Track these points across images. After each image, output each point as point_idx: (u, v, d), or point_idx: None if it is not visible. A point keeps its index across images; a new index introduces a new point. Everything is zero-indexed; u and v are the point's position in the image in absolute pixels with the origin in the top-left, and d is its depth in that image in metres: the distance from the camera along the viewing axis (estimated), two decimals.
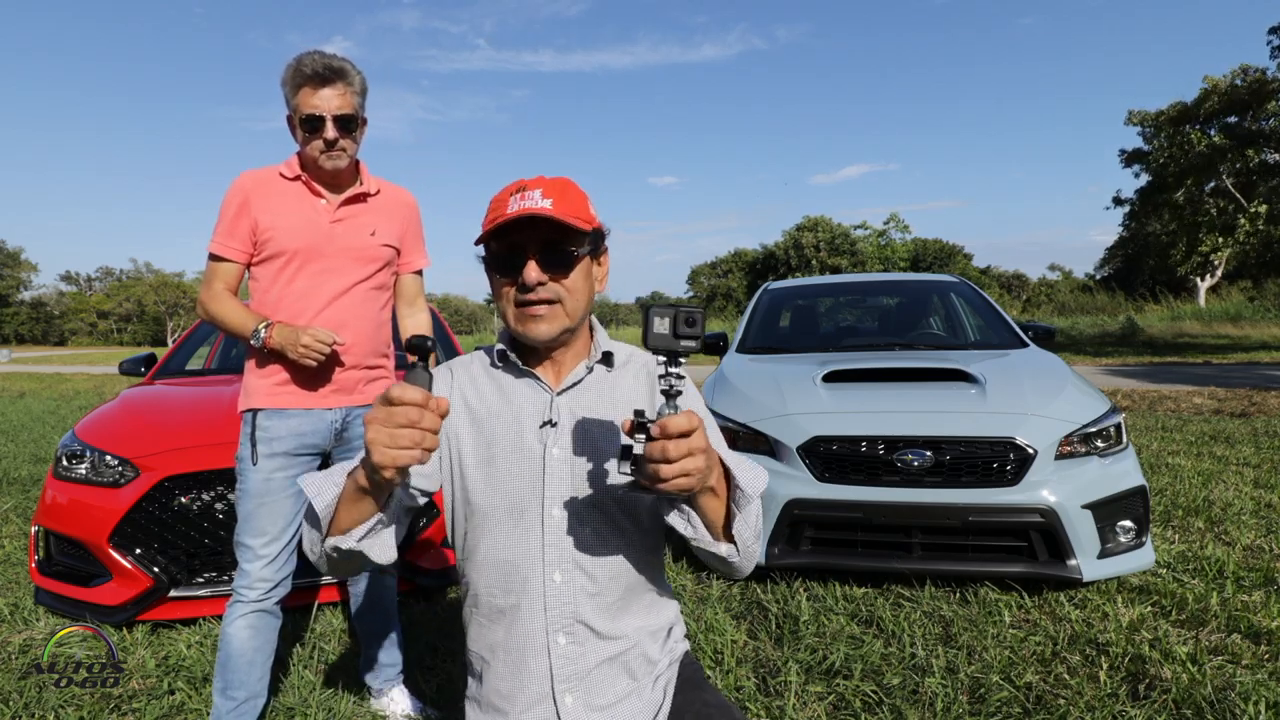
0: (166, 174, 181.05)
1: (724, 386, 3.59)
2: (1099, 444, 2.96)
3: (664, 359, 0.93)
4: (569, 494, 1.14)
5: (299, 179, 1.91)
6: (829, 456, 2.97)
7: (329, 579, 2.83)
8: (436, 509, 2.96)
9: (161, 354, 4.24)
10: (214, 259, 1.90)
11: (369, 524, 1.01)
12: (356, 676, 2.30)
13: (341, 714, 2.17)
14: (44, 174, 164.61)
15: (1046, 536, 2.78)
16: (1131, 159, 24.49)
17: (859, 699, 2.19)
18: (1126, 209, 26.01)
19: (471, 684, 1.22)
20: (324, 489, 1.01)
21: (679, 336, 0.92)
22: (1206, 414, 7.53)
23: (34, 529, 2.88)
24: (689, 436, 0.89)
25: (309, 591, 2.82)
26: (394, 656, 2.20)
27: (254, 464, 1.86)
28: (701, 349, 0.93)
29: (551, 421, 1.16)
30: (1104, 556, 2.80)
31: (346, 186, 1.96)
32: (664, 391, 0.92)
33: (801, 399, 3.21)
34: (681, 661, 1.27)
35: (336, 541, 1.01)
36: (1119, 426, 3.05)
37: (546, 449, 1.15)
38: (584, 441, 1.15)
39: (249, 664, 1.87)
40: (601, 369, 1.23)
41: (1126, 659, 2.34)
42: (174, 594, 2.68)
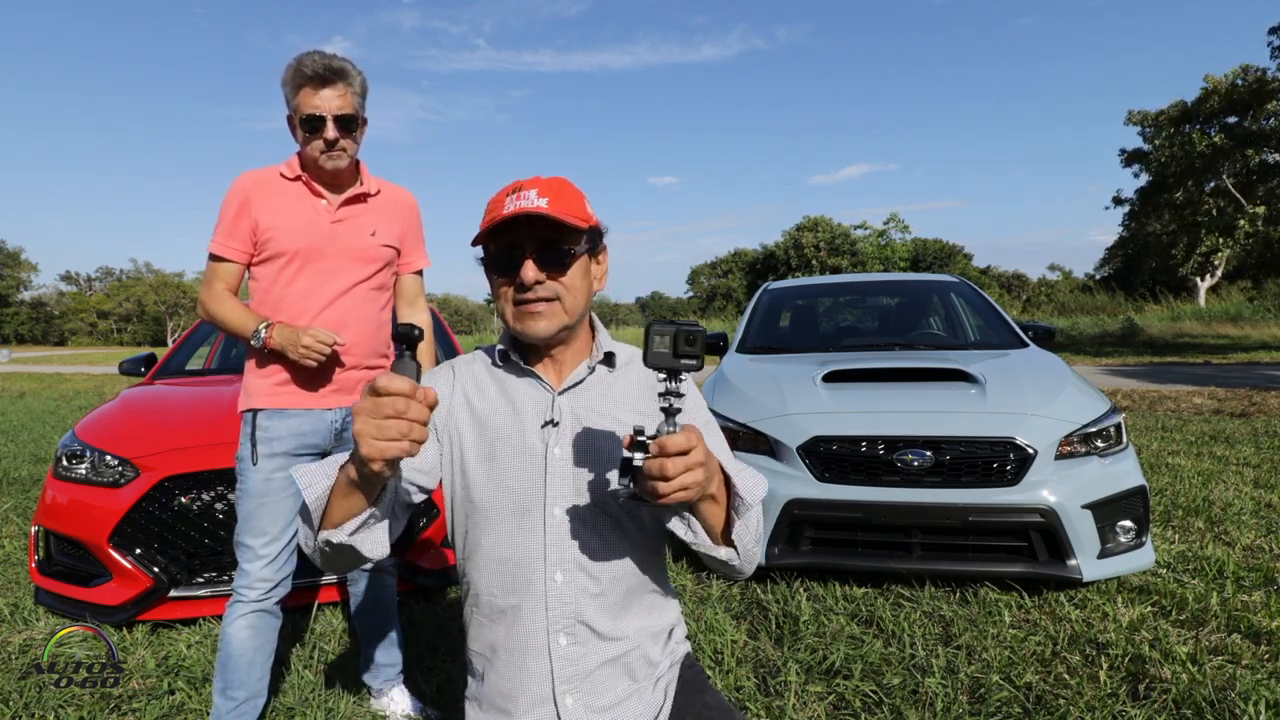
0: (166, 174, 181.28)
1: (724, 386, 3.59)
2: (1099, 444, 2.96)
3: (664, 376, 0.93)
4: (571, 494, 1.13)
5: (299, 179, 1.91)
6: (829, 456, 2.97)
7: (329, 579, 2.83)
8: (436, 509, 2.96)
9: (161, 354, 4.24)
10: (214, 259, 1.90)
11: (361, 518, 0.99)
12: (356, 676, 2.30)
13: (341, 714, 2.17)
14: (44, 174, 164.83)
15: (1046, 536, 2.78)
16: (1131, 159, 24.49)
17: (859, 699, 2.19)
18: (1126, 209, 26.02)
19: (472, 684, 1.22)
20: (315, 481, 1.00)
21: (679, 355, 0.92)
22: (1206, 414, 7.53)
23: (34, 529, 2.88)
24: (687, 454, 0.89)
25: (309, 591, 2.82)
26: (394, 656, 2.20)
27: (254, 464, 1.86)
28: (701, 367, 0.93)
29: (553, 421, 1.16)
30: (1104, 556, 2.80)
31: (347, 187, 1.96)
32: (664, 409, 0.92)
33: (801, 399, 3.21)
34: (682, 663, 1.26)
35: (328, 535, 0.99)
36: (1119, 426, 3.05)
37: (548, 448, 1.15)
38: (586, 441, 1.15)
39: (249, 664, 1.87)
40: (603, 369, 1.23)
41: (1126, 659, 2.34)
42: (174, 594, 2.68)
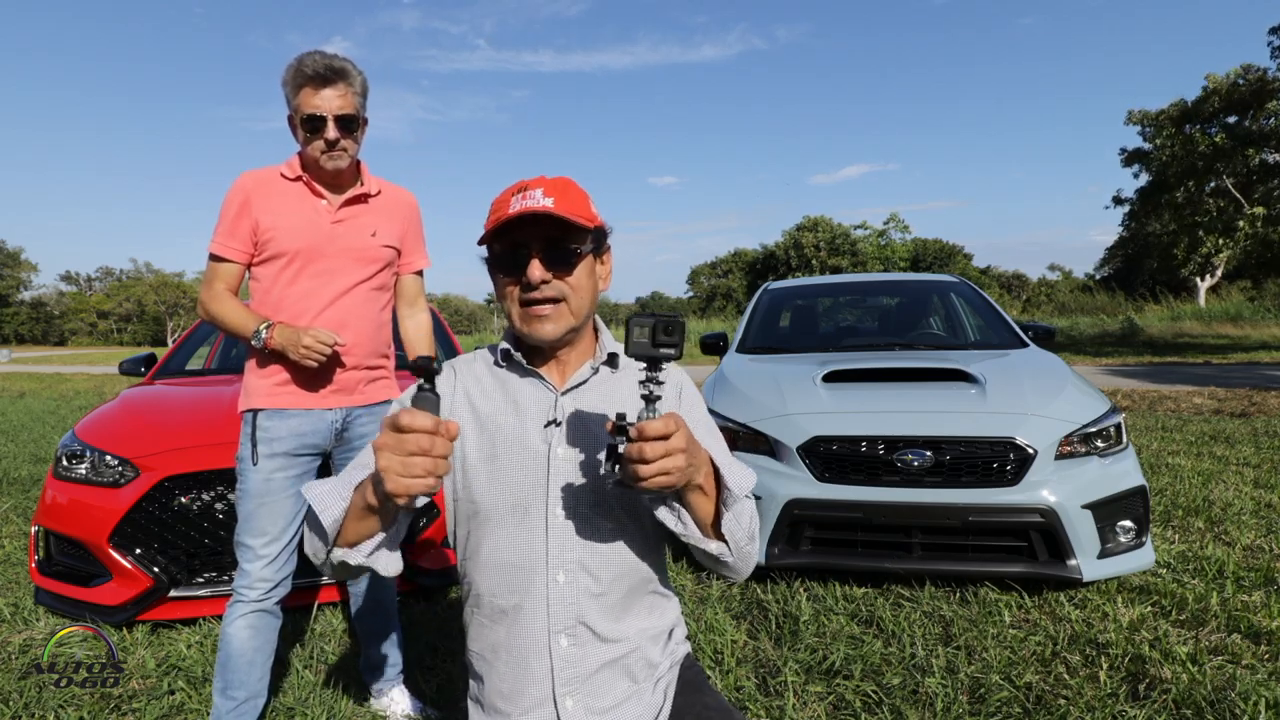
0: (166, 174, 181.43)
1: (724, 386, 3.59)
2: (1099, 444, 2.96)
3: (644, 365, 0.98)
4: (573, 494, 1.13)
5: (300, 179, 1.90)
6: (829, 456, 2.97)
7: (329, 579, 2.83)
8: (436, 509, 2.96)
9: (161, 354, 4.24)
10: (214, 259, 1.90)
11: (377, 540, 1.02)
12: (356, 676, 2.30)
13: (341, 714, 2.17)
14: (44, 174, 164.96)
15: (1046, 536, 2.78)
16: (1132, 159, 24.50)
17: (859, 699, 2.19)
18: (1126, 209, 26.03)
19: (472, 684, 1.22)
20: (331, 504, 1.01)
21: (657, 344, 0.97)
22: (1206, 414, 7.53)
23: (34, 529, 2.88)
24: (667, 439, 0.92)
25: (309, 591, 2.82)
26: (394, 656, 2.20)
27: (254, 464, 1.86)
28: (680, 356, 0.98)
29: (556, 421, 1.16)
30: (1104, 556, 2.80)
31: (347, 187, 1.96)
32: (643, 396, 0.97)
33: (801, 399, 3.21)
34: (682, 664, 1.26)
35: (344, 556, 1.02)
36: (1119, 426, 3.05)
37: (551, 449, 1.14)
38: (588, 442, 1.15)
39: (249, 664, 1.87)
40: (606, 370, 1.23)
41: (1126, 659, 2.34)
42: (174, 594, 2.68)
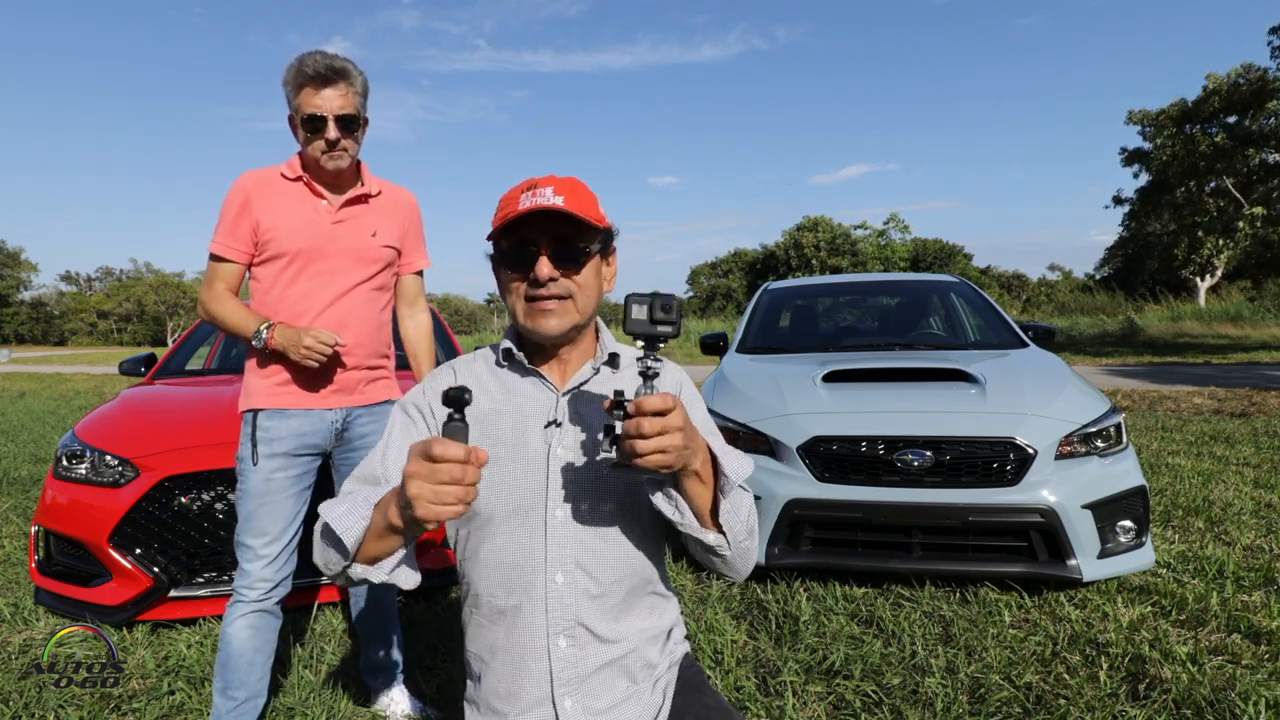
0: (166, 174, 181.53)
1: (724, 386, 3.59)
2: (1099, 444, 2.96)
3: (642, 343, 0.99)
4: (573, 495, 1.13)
5: (300, 180, 1.90)
6: (829, 456, 2.97)
7: (329, 579, 2.83)
8: None
9: (161, 354, 4.24)
10: (215, 259, 1.90)
11: (397, 558, 1.03)
12: (356, 676, 2.30)
13: (341, 714, 2.17)
14: (44, 174, 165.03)
15: (1046, 536, 2.78)
16: (1132, 158, 24.49)
17: (859, 699, 2.19)
18: (1126, 209, 26.03)
19: (470, 685, 1.22)
20: (352, 524, 1.01)
21: (655, 322, 0.98)
22: (1206, 414, 7.53)
23: (34, 529, 2.88)
24: (664, 416, 0.92)
25: (309, 591, 2.82)
26: (394, 656, 2.20)
27: (254, 464, 1.86)
28: (678, 334, 0.99)
29: (556, 422, 1.16)
30: (1104, 556, 2.80)
31: (348, 187, 1.96)
32: (641, 373, 0.98)
33: (801, 399, 3.21)
34: (681, 664, 1.26)
35: (366, 574, 1.03)
36: (1119, 426, 3.05)
37: (551, 449, 1.14)
38: (589, 442, 1.14)
39: (249, 664, 1.87)
40: (607, 370, 1.23)
41: (1126, 659, 2.34)
42: (174, 594, 2.68)
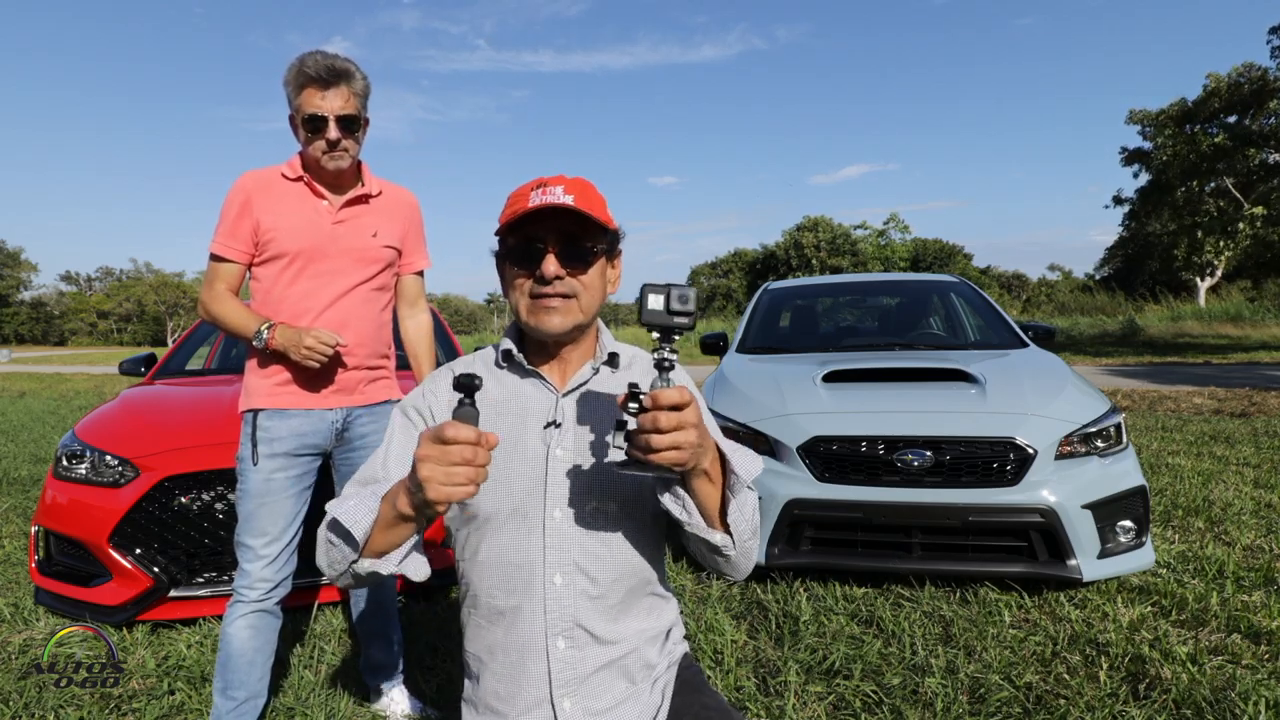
0: (166, 174, 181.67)
1: (724, 386, 3.59)
2: (1099, 444, 2.96)
3: (658, 335, 0.96)
4: (572, 496, 1.13)
5: (301, 180, 1.90)
6: (829, 456, 2.97)
7: (331, 579, 2.83)
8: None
9: (161, 354, 4.24)
10: (215, 259, 1.90)
11: (406, 548, 1.03)
12: (356, 676, 2.30)
13: (341, 714, 2.17)
14: (44, 174, 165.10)
15: (1046, 536, 2.78)
16: (1132, 158, 24.47)
17: (859, 699, 2.19)
18: (1126, 209, 26.01)
19: (468, 685, 1.22)
20: (360, 517, 1.00)
21: (672, 313, 0.95)
22: (1206, 414, 7.53)
23: (34, 529, 2.88)
24: (681, 410, 0.90)
25: (309, 591, 2.82)
26: (394, 657, 2.20)
27: (255, 464, 1.86)
28: (694, 327, 0.97)
29: (556, 422, 1.16)
30: (1104, 556, 2.80)
31: (349, 188, 1.96)
32: (656, 364, 0.95)
33: (801, 399, 3.21)
34: (680, 664, 1.26)
35: (375, 566, 1.02)
36: (1119, 426, 3.05)
37: (550, 450, 1.14)
38: (588, 443, 1.14)
39: (249, 664, 1.87)
40: (607, 370, 1.23)
41: (1126, 659, 2.34)
42: (174, 594, 2.68)
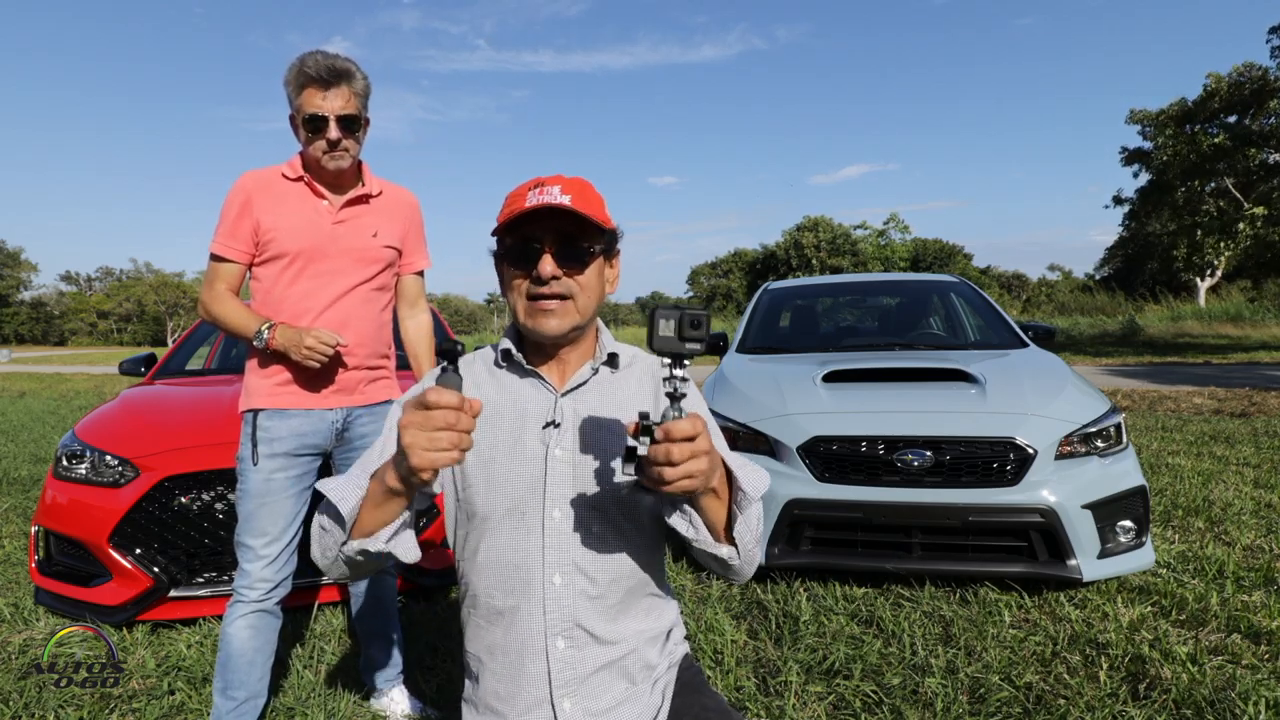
0: (166, 174, 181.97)
1: (724, 386, 3.59)
2: (1099, 444, 2.96)
3: (669, 361, 0.93)
4: (571, 496, 1.13)
5: (301, 180, 1.90)
6: (829, 456, 2.97)
7: (329, 579, 2.83)
8: (436, 509, 2.96)
9: (161, 354, 4.24)
10: (215, 259, 1.90)
11: (394, 525, 1.02)
12: (356, 676, 2.30)
13: (341, 714, 2.17)
14: (44, 174, 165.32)
15: (1046, 536, 2.78)
16: (1132, 158, 24.44)
17: (859, 699, 2.19)
18: (1126, 209, 25.99)
19: (468, 685, 1.22)
20: (348, 493, 1.01)
21: (684, 339, 0.92)
22: (1206, 414, 7.53)
23: (34, 529, 2.88)
24: (693, 440, 0.89)
25: (309, 591, 2.82)
26: (394, 656, 2.20)
27: (255, 464, 1.86)
28: (705, 350, 0.93)
29: (555, 423, 1.16)
30: (1104, 556, 2.80)
31: (349, 188, 1.96)
32: (669, 394, 0.92)
33: (801, 399, 3.21)
34: (680, 665, 1.26)
35: (363, 544, 1.01)
36: (1119, 426, 3.05)
37: (549, 450, 1.14)
38: (587, 443, 1.14)
39: (249, 664, 1.87)
40: (606, 371, 1.23)
41: (1126, 659, 2.34)
42: (174, 594, 2.68)
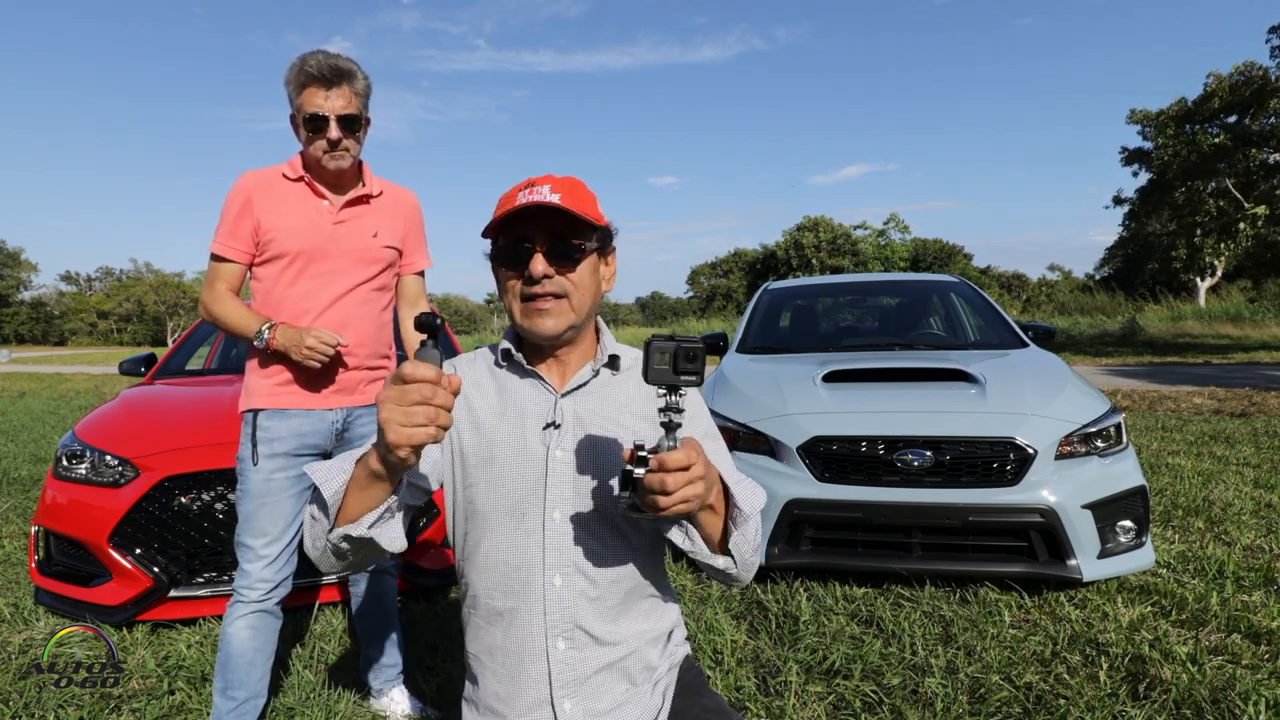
0: (166, 174, 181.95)
1: (724, 386, 3.59)
2: (1099, 444, 2.96)
3: (664, 392, 0.93)
4: (571, 497, 1.13)
5: (302, 180, 1.90)
6: (829, 456, 2.97)
7: (329, 579, 2.83)
8: (436, 509, 2.96)
9: (161, 354, 4.24)
10: (216, 259, 1.90)
11: (379, 511, 0.98)
12: (356, 676, 2.30)
13: (341, 714, 2.17)
14: (44, 174, 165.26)
15: (1046, 536, 2.78)
16: (1132, 158, 24.42)
17: (859, 699, 2.19)
18: (1126, 209, 25.98)
19: (468, 685, 1.22)
20: (332, 476, 1.00)
21: (679, 372, 0.92)
22: (1206, 414, 7.53)
23: (34, 529, 2.88)
24: (688, 470, 0.90)
25: (309, 591, 2.82)
26: (394, 656, 2.20)
27: (255, 464, 1.86)
28: (701, 383, 0.94)
29: (555, 423, 1.15)
30: (1104, 556, 2.80)
31: (349, 188, 1.96)
32: (664, 424, 0.93)
33: (801, 399, 3.21)
34: (681, 666, 1.26)
35: (347, 530, 0.98)
36: (1119, 426, 3.05)
37: (549, 451, 1.14)
38: (587, 444, 1.14)
39: (249, 664, 1.87)
40: (607, 372, 1.22)
41: (1126, 659, 2.34)
42: (174, 594, 2.68)
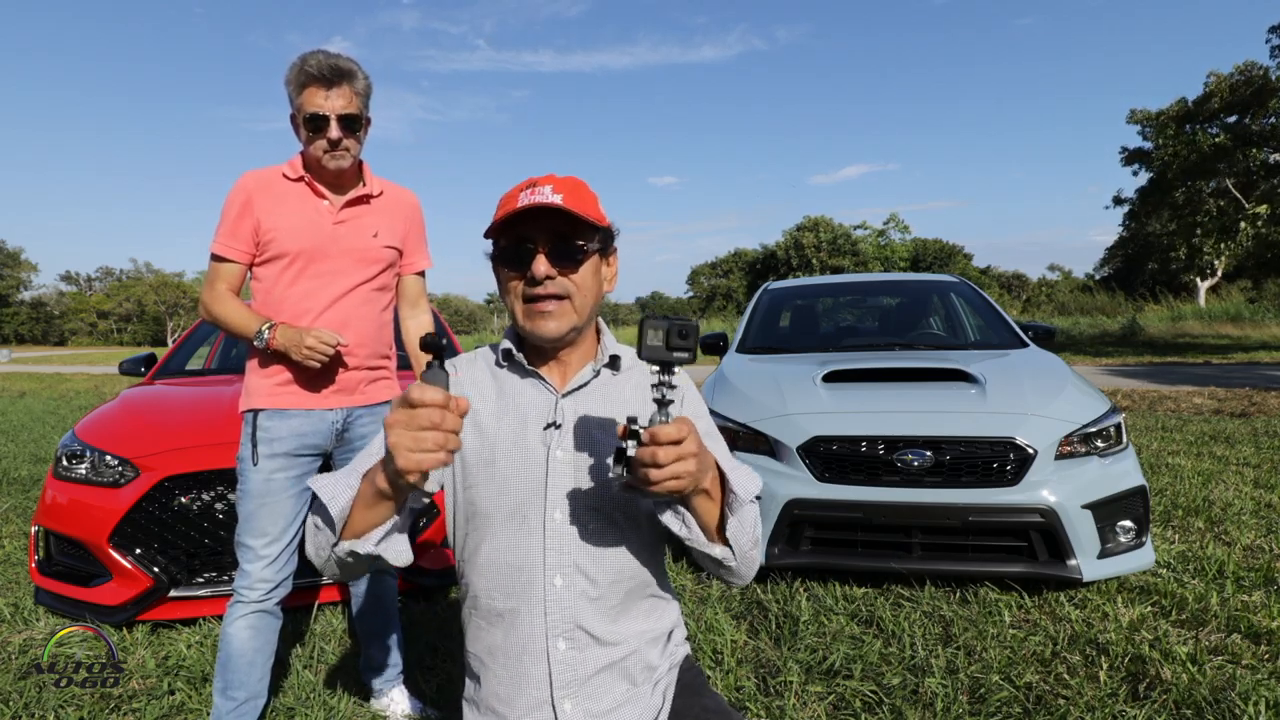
0: (166, 174, 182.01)
1: (724, 386, 3.59)
2: (1099, 444, 2.96)
3: (657, 369, 0.95)
4: (571, 497, 1.13)
5: (302, 180, 1.90)
6: (829, 456, 2.97)
7: (331, 579, 2.83)
8: (436, 509, 2.96)
9: (161, 354, 4.24)
10: (216, 259, 1.90)
11: (385, 527, 1.00)
12: (356, 676, 2.30)
13: (341, 714, 2.17)
14: (44, 174, 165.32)
15: (1046, 536, 2.78)
16: (1132, 158, 24.41)
17: (859, 699, 2.19)
18: (1126, 209, 25.98)
19: (469, 685, 1.22)
20: (338, 493, 1.00)
21: (672, 348, 0.94)
22: (1206, 414, 7.53)
23: (34, 529, 2.88)
24: (679, 444, 0.90)
25: (309, 591, 2.82)
26: (394, 657, 2.20)
27: (255, 464, 1.86)
28: (694, 360, 0.96)
29: (556, 424, 1.15)
30: (1104, 556, 2.80)
31: (350, 187, 1.96)
32: (656, 400, 0.95)
33: (801, 399, 3.21)
34: (681, 666, 1.26)
35: (353, 546, 1.00)
36: (1119, 426, 3.05)
37: (550, 451, 1.14)
38: (588, 445, 1.14)
39: (249, 664, 1.87)
40: (608, 372, 1.22)
41: (1126, 659, 2.34)
42: (174, 594, 2.68)
